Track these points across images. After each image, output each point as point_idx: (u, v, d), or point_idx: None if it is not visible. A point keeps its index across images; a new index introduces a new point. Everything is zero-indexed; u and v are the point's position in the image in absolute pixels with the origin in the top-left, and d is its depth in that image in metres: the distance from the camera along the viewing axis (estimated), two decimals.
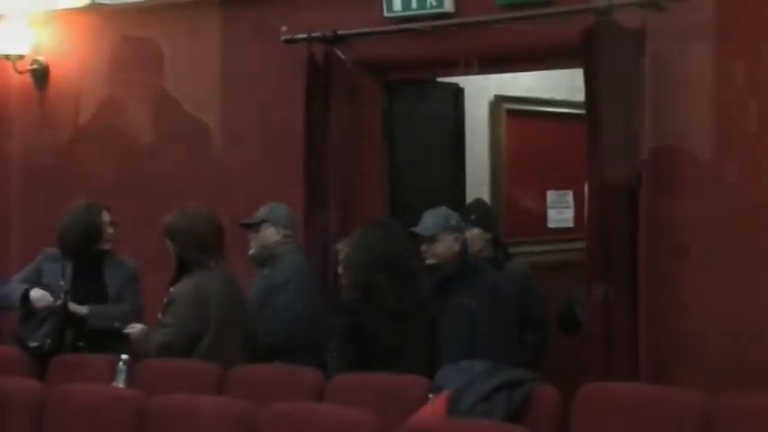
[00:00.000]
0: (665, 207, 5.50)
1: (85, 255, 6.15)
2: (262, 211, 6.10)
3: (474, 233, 5.95)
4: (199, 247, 5.73)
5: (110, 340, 5.95)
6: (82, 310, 6.01)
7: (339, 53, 6.28)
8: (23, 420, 5.12)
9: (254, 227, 6.08)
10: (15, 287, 6.08)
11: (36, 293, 5.99)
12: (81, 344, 6.02)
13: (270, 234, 6.05)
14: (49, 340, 5.98)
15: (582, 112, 5.76)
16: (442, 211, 5.72)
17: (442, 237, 5.62)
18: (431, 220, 5.66)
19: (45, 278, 6.13)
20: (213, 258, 5.77)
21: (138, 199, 6.94)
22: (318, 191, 6.30)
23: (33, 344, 6.01)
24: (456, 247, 5.63)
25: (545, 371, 5.31)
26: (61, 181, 7.39)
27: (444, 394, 4.83)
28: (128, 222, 6.49)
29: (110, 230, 6.21)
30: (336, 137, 6.30)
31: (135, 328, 5.84)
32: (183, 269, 5.78)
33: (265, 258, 6.07)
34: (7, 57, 7.41)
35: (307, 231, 6.29)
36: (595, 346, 5.51)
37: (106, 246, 6.21)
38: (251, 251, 6.08)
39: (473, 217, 5.97)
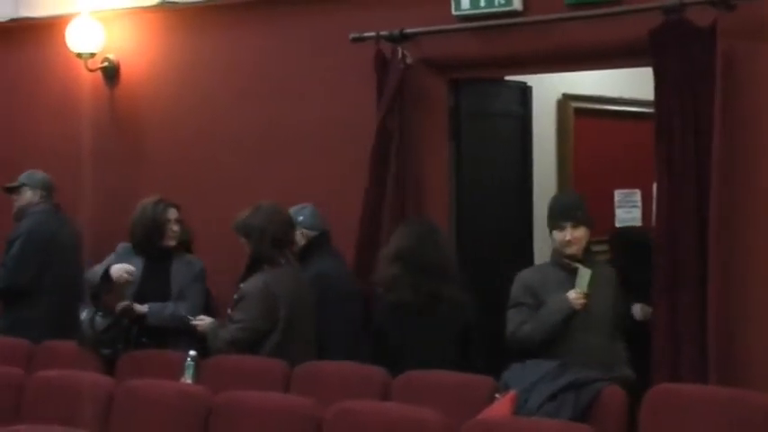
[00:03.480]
0: (737, 208, 5.44)
1: (151, 251, 6.20)
2: (21, 177, 7.08)
3: (583, 232, 5.47)
4: (272, 243, 5.78)
5: (171, 336, 6.03)
6: (142, 309, 6.07)
7: (405, 52, 6.28)
8: (92, 415, 5.18)
9: (16, 190, 7.07)
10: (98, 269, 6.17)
11: (115, 268, 6.07)
12: (144, 339, 6.08)
13: (28, 196, 7.08)
14: (120, 345, 6.05)
15: (650, 110, 5.70)
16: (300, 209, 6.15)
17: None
18: None
19: None
20: (284, 255, 5.81)
21: (208, 197, 6.99)
22: (384, 188, 6.31)
23: (106, 351, 6.07)
24: (302, 242, 6.11)
25: None
26: (131, 178, 7.46)
27: (511, 393, 4.82)
28: (196, 220, 6.53)
29: (175, 228, 6.24)
30: (404, 135, 6.30)
31: (204, 320, 5.92)
32: (253, 266, 5.82)
33: (20, 217, 7.01)
34: (79, 55, 7.49)
35: (371, 227, 6.31)
36: (663, 348, 5.47)
37: (171, 243, 6.24)
38: (14, 211, 7.06)
39: (579, 213, 5.45)
